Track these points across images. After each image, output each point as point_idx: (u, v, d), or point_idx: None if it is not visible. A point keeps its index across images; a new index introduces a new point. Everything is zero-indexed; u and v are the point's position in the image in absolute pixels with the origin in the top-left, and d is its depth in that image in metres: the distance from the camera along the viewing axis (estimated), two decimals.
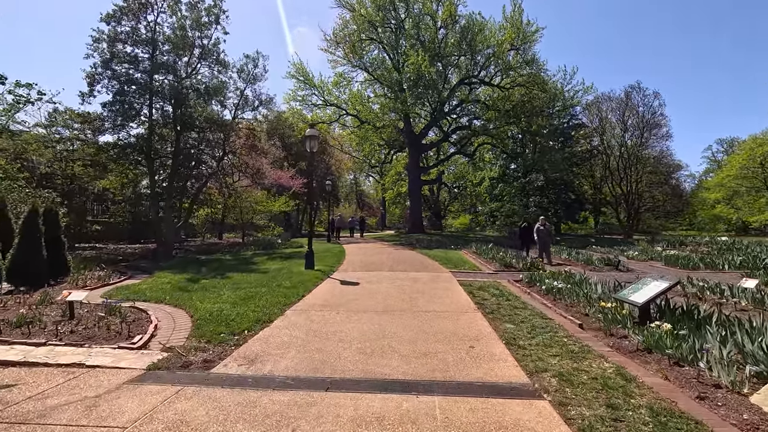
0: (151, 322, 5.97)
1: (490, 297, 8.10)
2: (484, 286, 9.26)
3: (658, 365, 4.37)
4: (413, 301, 7.72)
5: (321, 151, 43.19)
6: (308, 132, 11.57)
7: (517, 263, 12.91)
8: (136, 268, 12.23)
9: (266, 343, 5.19)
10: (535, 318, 6.38)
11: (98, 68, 15.73)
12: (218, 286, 8.95)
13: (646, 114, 33.19)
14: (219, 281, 9.68)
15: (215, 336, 5.37)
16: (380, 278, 10.42)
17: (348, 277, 10.67)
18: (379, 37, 33.78)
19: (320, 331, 5.67)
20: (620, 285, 7.51)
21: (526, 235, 15.83)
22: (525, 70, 31.87)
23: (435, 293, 8.48)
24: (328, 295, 8.28)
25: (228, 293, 8.12)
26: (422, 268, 12.41)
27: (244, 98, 18.95)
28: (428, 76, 28.33)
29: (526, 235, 15.92)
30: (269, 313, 6.60)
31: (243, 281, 9.58)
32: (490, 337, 5.42)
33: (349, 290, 8.77)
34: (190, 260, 14.45)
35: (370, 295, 8.19)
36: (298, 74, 33.33)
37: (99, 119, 15.73)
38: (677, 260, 13.40)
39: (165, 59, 16.55)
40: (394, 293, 8.43)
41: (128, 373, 4.19)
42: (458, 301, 7.69)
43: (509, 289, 9.04)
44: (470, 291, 8.72)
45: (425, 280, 10.24)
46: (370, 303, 7.51)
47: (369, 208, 64.97)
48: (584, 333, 5.65)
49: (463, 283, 9.88)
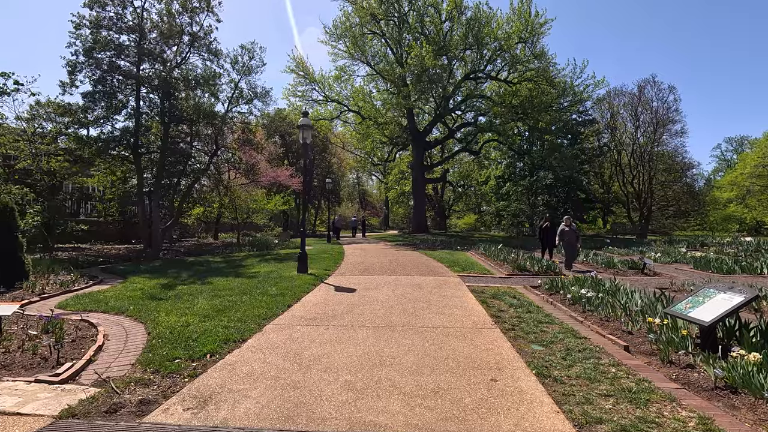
0: (95, 342, 4.86)
1: (508, 307, 6.94)
2: (498, 294, 8.11)
3: (753, 413, 3.20)
4: (417, 312, 6.57)
5: (322, 149, 42.23)
6: (301, 121, 10.44)
7: (531, 266, 11.74)
8: (112, 271, 11.16)
9: (230, 372, 4.07)
10: (567, 337, 5.21)
11: (80, 56, 14.69)
12: (195, 294, 7.84)
13: (660, 109, 31.84)
14: (198, 287, 8.57)
15: (167, 363, 4.25)
16: (380, 284, 9.28)
17: (344, 282, 9.54)
18: (382, 31, 32.62)
19: (302, 355, 4.54)
20: (664, 295, 6.33)
21: (548, 235, 13.99)
22: (533, 64, 30.62)
23: (442, 302, 7.33)
24: (318, 305, 7.15)
25: (203, 303, 7.00)
26: (427, 272, 11.26)
27: (239, 91, 17.85)
28: (432, 69, 27.11)
29: (547, 235, 14.03)
30: (244, 329, 5.48)
31: (225, 287, 8.47)
32: (515, 365, 4.27)
33: (343, 299, 7.63)
34: (176, 262, 13.38)
35: (368, 305, 7.05)
36: (297, 69, 32.26)
37: (81, 110, 14.64)
38: (708, 263, 12.17)
39: (152, 47, 15.47)
40: (395, 303, 7.29)
41: (27, 425, 3.07)
42: (470, 313, 6.54)
43: (528, 298, 7.88)
44: (483, 300, 7.57)
45: (431, 286, 9.09)
46: (366, 315, 6.37)
47: (372, 208, 63.91)
48: (634, 359, 4.48)
49: (474, 289, 8.73)
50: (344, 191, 60.52)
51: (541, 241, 14.37)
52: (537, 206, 33.18)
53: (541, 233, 14.37)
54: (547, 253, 14.00)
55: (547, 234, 14.04)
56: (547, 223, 14.34)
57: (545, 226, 14.27)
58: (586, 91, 31.17)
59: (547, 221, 14.50)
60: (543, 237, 14.24)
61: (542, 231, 14.36)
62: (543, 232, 14.29)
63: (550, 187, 33.68)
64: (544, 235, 14.19)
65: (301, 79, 32.57)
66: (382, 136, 33.90)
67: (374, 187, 68.07)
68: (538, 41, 30.97)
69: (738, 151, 74.69)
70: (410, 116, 33.91)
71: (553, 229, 13.85)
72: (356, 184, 66.85)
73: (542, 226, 14.46)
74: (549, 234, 13.93)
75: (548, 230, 14.06)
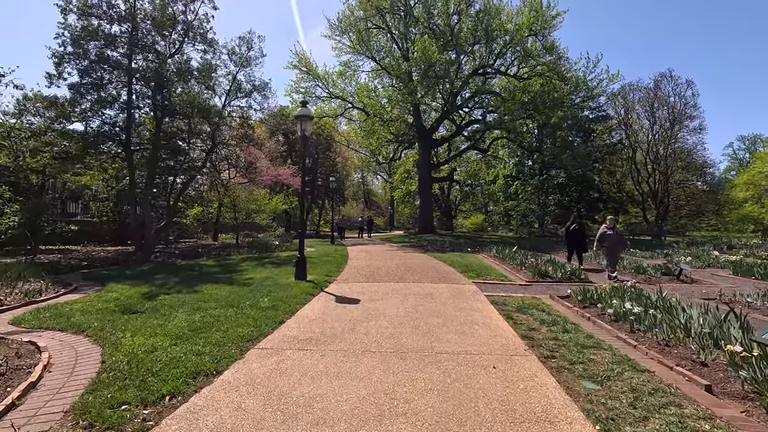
0: (30, 375, 3.86)
1: (539, 325, 5.87)
2: (523, 306, 7.03)
3: None
4: (433, 331, 5.52)
5: (326, 147, 41.26)
6: (299, 111, 9.41)
7: (554, 272, 10.64)
8: (93, 277, 10.19)
9: (190, 427, 3.04)
10: (625, 369, 4.14)
11: (68, 47, 13.76)
12: (175, 306, 6.83)
13: (677, 104, 30.46)
14: (181, 297, 7.56)
15: (109, 411, 3.22)
16: (387, 293, 8.23)
17: (347, 291, 8.50)
18: (387, 25, 31.56)
19: (288, 397, 3.51)
20: (734, 313, 5.20)
21: (575, 238, 12.49)
22: (545, 58, 29.44)
23: (461, 317, 6.27)
24: (316, 320, 6.11)
25: (180, 318, 6.00)
26: (439, 278, 10.19)
27: (237, 84, 16.86)
28: (439, 63, 26.00)
29: (574, 238, 12.50)
30: (222, 355, 4.45)
31: (211, 298, 7.45)
32: (569, 416, 3.20)
33: (345, 313, 6.59)
34: (166, 266, 12.41)
35: (373, 321, 6.01)
36: (300, 64, 31.23)
37: (69, 103, 13.72)
38: (750, 269, 10.97)
39: (144, 37, 14.52)
40: (405, 318, 6.24)
41: None
42: (496, 333, 5.47)
43: (559, 311, 6.80)
44: (507, 314, 6.51)
45: (445, 295, 8.03)
46: (371, 335, 5.32)
47: (377, 208, 62.96)
48: (725, 406, 3.40)
49: (495, 300, 7.66)
50: (349, 191, 59.65)
51: (568, 244, 12.97)
52: (548, 206, 31.95)
53: (568, 235, 12.83)
54: (575, 258, 12.48)
55: (575, 237, 12.53)
56: (575, 225, 12.61)
57: (573, 228, 12.62)
58: (600, 86, 29.93)
59: (575, 222, 12.73)
60: (570, 239, 12.74)
61: (570, 233, 12.75)
62: (571, 234, 12.69)
63: (562, 186, 32.46)
64: (571, 237, 12.66)
65: (304, 75, 31.57)
66: (387, 133, 32.84)
67: (379, 187, 67.12)
68: (549, 35, 29.87)
69: (750, 150, 72.92)
70: (417, 113, 32.83)
71: (580, 232, 12.50)
72: (361, 183, 65.91)
73: (571, 227, 12.73)
74: (577, 236, 12.47)
75: (576, 232, 12.52)
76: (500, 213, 45.40)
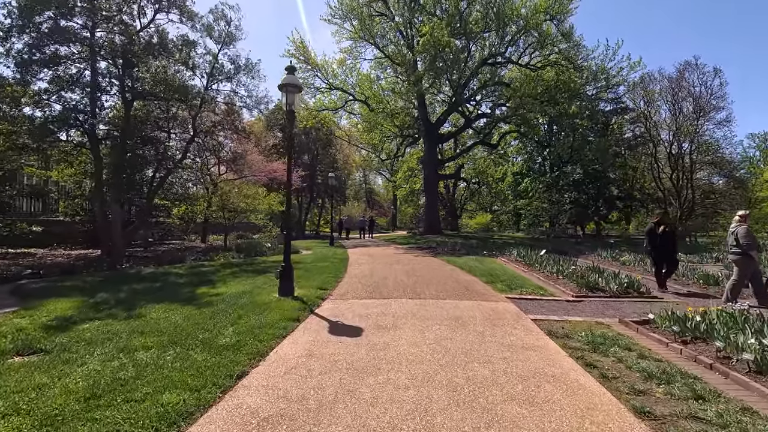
0: None
1: (644, 380, 3.76)
2: (595, 341, 4.92)
3: None
4: (481, 397, 3.40)
5: (326, 143, 39.12)
6: (284, 79, 7.30)
7: (604, 283, 8.50)
8: (27, 291, 8.07)
9: None
10: None
11: (14, 18, 11.65)
12: (95, 342, 4.73)
13: (703, 94, 28.20)
14: (111, 326, 5.44)
15: None
16: (399, 316, 6.11)
17: (345, 312, 6.38)
18: (391, 12, 29.45)
19: None
20: None
21: (666, 247, 9.15)
22: (561, 45, 27.28)
23: (517, 365, 4.14)
24: (294, 374, 3.99)
25: (88, 368, 3.89)
26: (462, 292, 8.06)
27: (219, 65, 14.75)
28: (449, 49, 23.84)
29: (665, 247, 9.14)
30: None
31: (152, 328, 5.32)
32: None
33: (340, 356, 4.46)
34: (128, 276, 10.28)
35: (384, 376, 3.88)
36: (297, 53, 29.12)
37: (18, 84, 11.65)
38: None
39: (108, 5, 12.40)
40: (431, 365, 4.12)
41: None
42: (585, 400, 3.34)
43: (651, 349, 4.70)
44: (581, 356, 4.40)
45: (479, 320, 5.90)
46: (382, 406, 3.21)
47: (379, 207, 60.90)
48: None
49: (549, 328, 5.54)
50: (350, 190, 57.61)
51: (655, 255, 9.32)
52: (563, 204, 29.75)
53: (655, 241, 9.24)
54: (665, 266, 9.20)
55: (665, 244, 9.15)
56: (665, 228, 9.29)
57: (664, 231, 9.23)
58: (620, 75, 27.71)
59: (664, 223, 9.47)
60: (659, 248, 9.20)
61: (656, 238, 9.25)
62: (659, 240, 9.18)
63: (578, 183, 30.24)
64: (660, 244, 9.17)
65: (302, 65, 29.40)
66: (392, 126, 30.69)
67: (382, 186, 65.09)
68: (564, 21, 27.73)
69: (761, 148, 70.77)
70: (422, 105, 30.71)
71: (672, 236, 9.28)
72: (363, 182, 63.85)
73: (662, 231, 9.23)
74: (667, 243, 9.15)
75: (666, 238, 9.20)
76: (509, 212, 43.24)
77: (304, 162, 36.02)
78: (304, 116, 32.75)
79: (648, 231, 9.69)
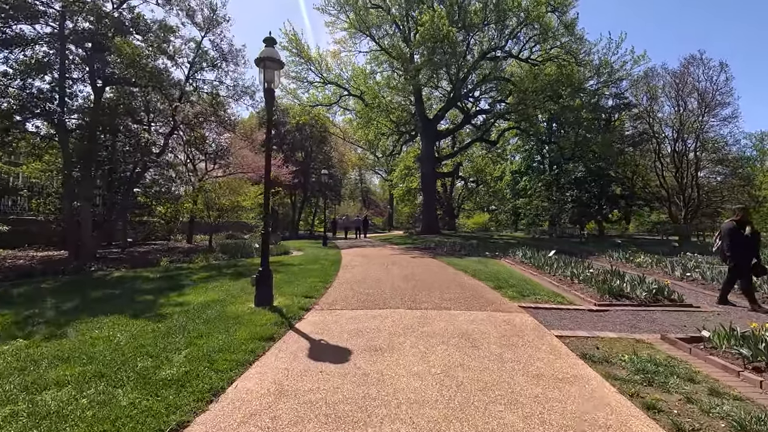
0: None
1: None
2: (647, 368, 3.87)
3: None
4: None
5: (320, 140, 37.92)
6: (263, 52, 6.21)
7: (630, 289, 7.48)
8: None
9: None
10: None
11: None
12: (4, 373, 3.64)
13: (708, 90, 27.33)
14: (37, 348, 4.32)
15: None
16: (397, 332, 5.05)
17: (332, 327, 5.30)
18: (387, 4, 28.37)
19: None
20: None
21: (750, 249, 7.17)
22: (563, 38, 26.32)
23: (554, 411, 3.08)
24: (249, 426, 2.92)
25: None
26: (469, 300, 7.00)
27: (202, 52, 13.62)
28: (448, 41, 22.77)
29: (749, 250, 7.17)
30: None
31: (85, 351, 4.19)
32: None
33: (318, 393, 3.39)
34: (88, 280, 9.15)
35: (372, 429, 2.82)
36: (290, 46, 27.94)
37: None
38: None
39: None
40: (439, 409, 3.06)
41: None
42: None
43: (720, 380, 3.66)
44: (634, 392, 3.36)
45: (492, 339, 4.84)
46: None
47: (375, 207, 59.78)
48: None
49: (581, 348, 4.50)
50: (346, 189, 56.51)
51: (737, 260, 7.20)
52: (565, 203, 28.79)
53: (738, 243, 7.22)
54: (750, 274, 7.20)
55: (750, 246, 7.19)
56: (750, 230, 7.25)
57: (751, 233, 7.23)
58: (624, 69, 26.77)
59: (747, 222, 7.40)
60: (742, 251, 7.18)
61: (741, 239, 7.22)
62: (743, 242, 7.19)
63: (580, 181, 29.29)
64: (744, 247, 7.19)
65: (295, 58, 28.30)
66: (388, 122, 29.59)
67: (378, 186, 64.07)
68: (566, 13, 26.80)
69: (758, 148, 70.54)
70: (419, 101, 29.68)
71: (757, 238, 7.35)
72: (359, 182, 62.76)
73: (749, 233, 7.22)
74: (752, 245, 7.22)
75: (752, 239, 7.24)
76: (507, 211, 42.31)
77: (298, 159, 34.84)
78: (297, 111, 31.62)
79: (729, 231, 7.37)
